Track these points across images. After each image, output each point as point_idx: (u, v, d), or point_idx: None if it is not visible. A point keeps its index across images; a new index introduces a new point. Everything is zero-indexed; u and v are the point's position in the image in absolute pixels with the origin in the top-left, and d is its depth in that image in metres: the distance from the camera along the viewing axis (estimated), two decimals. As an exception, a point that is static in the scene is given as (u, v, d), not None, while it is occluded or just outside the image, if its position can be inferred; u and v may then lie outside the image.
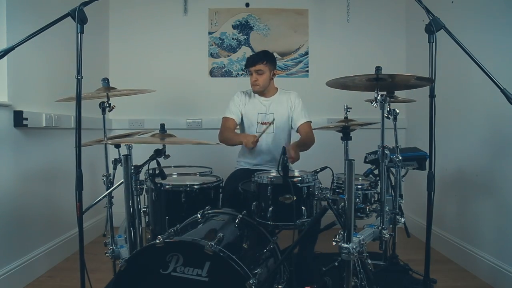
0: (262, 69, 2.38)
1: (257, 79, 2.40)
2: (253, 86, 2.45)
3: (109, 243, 1.87)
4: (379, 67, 1.48)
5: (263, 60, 2.39)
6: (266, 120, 2.46)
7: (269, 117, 2.46)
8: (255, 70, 2.38)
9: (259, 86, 2.42)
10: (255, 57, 2.43)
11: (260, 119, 2.48)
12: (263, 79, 2.40)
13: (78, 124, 1.39)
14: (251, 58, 2.44)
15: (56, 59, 2.57)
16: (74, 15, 1.36)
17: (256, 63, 2.38)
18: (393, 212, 1.82)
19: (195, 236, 1.51)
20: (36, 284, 2.26)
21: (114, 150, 2.00)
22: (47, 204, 2.49)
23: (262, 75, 2.40)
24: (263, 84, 2.42)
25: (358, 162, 1.52)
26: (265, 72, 2.39)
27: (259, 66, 2.37)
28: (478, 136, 2.41)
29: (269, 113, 2.47)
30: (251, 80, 2.43)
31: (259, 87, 2.42)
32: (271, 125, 2.41)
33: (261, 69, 2.38)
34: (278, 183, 1.70)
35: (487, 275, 2.28)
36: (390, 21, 3.55)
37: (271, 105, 2.48)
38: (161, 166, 1.73)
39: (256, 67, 2.38)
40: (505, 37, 2.17)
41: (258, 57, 2.41)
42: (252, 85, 2.44)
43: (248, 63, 2.42)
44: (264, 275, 1.48)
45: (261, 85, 2.42)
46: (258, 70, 2.38)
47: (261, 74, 2.39)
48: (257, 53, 2.50)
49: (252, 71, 2.40)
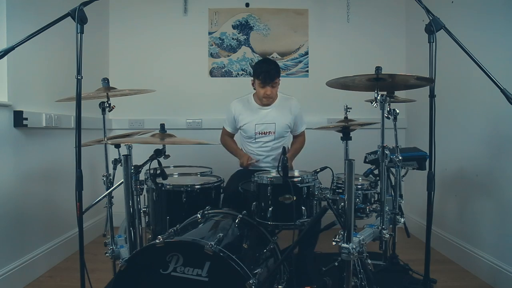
0: (277, 82, 2.35)
1: (271, 93, 2.33)
2: (265, 99, 2.36)
3: (109, 243, 1.87)
4: (379, 67, 1.48)
5: (279, 73, 2.33)
6: (266, 130, 2.43)
7: (270, 127, 2.42)
8: (271, 84, 2.31)
9: (273, 99, 2.38)
10: (273, 72, 2.30)
11: (258, 130, 2.43)
12: (276, 91, 2.37)
13: (78, 124, 1.39)
14: (270, 73, 2.28)
15: (56, 59, 2.57)
16: (74, 15, 1.36)
17: (275, 78, 2.30)
18: (393, 212, 1.82)
19: (195, 236, 1.51)
20: (36, 284, 2.26)
21: (114, 150, 2.00)
22: (47, 204, 2.49)
23: (275, 88, 2.35)
24: (275, 95, 2.39)
25: (358, 162, 1.52)
26: (278, 84, 2.37)
27: (276, 80, 2.33)
28: (478, 136, 2.41)
29: (270, 122, 2.42)
30: (261, 93, 2.33)
31: (272, 100, 2.39)
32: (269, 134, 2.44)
33: (276, 82, 2.34)
34: (278, 183, 1.70)
35: (487, 275, 2.28)
36: (390, 21, 3.55)
37: (269, 114, 2.43)
38: (162, 166, 1.73)
39: (274, 82, 2.32)
40: (505, 37, 2.17)
41: (276, 71, 2.31)
42: (265, 97, 2.35)
43: (267, 78, 2.28)
44: (264, 275, 1.48)
45: (274, 98, 2.39)
46: (274, 84, 2.32)
47: (275, 87, 2.34)
48: (271, 65, 2.34)
49: (268, 85, 2.31)
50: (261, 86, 2.32)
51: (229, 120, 2.54)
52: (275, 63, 2.40)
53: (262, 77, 2.28)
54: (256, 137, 2.46)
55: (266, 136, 2.44)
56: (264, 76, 2.28)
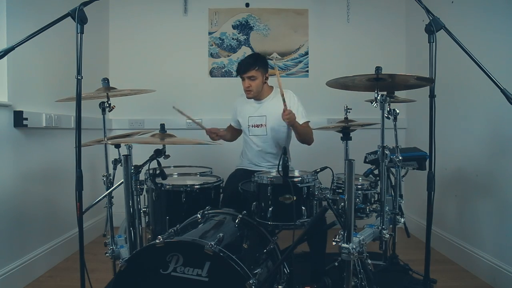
0: (254, 75, 2.32)
1: (250, 85, 2.34)
2: (246, 93, 2.40)
3: (109, 243, 1.87)
4: (379, 67, 1.48)
5: (255, 65, 2.32)
6: (258, 123, 2.44)
7: (261, 119, 2.43)
8: (247, 77, 2.33)
9: (253, 92, 2.37)
10: (246, 63, 2.33)
11: (251, 122, 2.46)
12: (256, 84, 2.35)
13: (78, 124, 1.39)
14: (242, 64, 2.35)
15: (56, 59, 2.57)
16: (74, 15, 1.36)
17: (248, 70, 2.31)
18: (393, 212, 1.82)
19: (195, 236, 1.51)
20: (36, 284, 2.26)
21: (114, 150, 2.00)
22: (47, 204, 2.49)
23: (255, 81, 2.34)
24: (257, 89, 2.37)
25: (358, 162, 1.52)
26: (257, 77, 2.34)
27: (251, 72, 2.31)
28: (478, 136, 2.41)
29: (261, 115, 2.43)
30: (244, 86, 2.37)
31: (252, 93, 2.38)
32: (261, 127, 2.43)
33: (253, 75, 2.32)
34: (278, 183, 1.70)
35: (487, 275, 2.28)
36: (390, 21, 3.55)
37: (261, 107, 2.45)
38: (161, 166, 1.73)
39: (248, 74, 2.31)
40: (505, 37, 2.17)
41: (250, 63, 2.32)
42: (246, 91, 2.39)
43: (240, 70, 2.34)
44: (264, 275, 1.48)
45: (255, 91, 2.37)
46: (251, 77, 2.32)
47: (253, 80, 2.33)
48: (248, 58, 2.40)
49: (244, 77, 2.34)
50: (241, 79, 2.39)
51: (232, 114, 2.67)
52: (254, 56, 2.42)
53: (237, 69, 2.39)
54: (250, 130, 2.49)
55: (258, 128, 2.46)
56: (238, 69, 2.38)
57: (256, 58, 2.38)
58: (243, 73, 2.34)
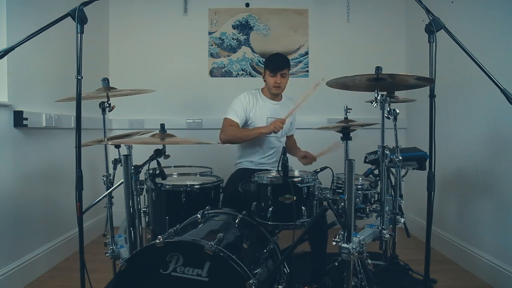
0: (286, 73, 2.41)
1: (281, 82, 2.40)
2: (275, 88, 2.41)
3: (109, 243, 1.87)
4: (379, 67, 1.48)
5: (289, 64, 2.42)
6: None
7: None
8: (281, 74, 2.38)
9: (281, 88, 2.43)
10: (283, 61, 2.40)
11: (269, 122, 2.41)
12: (285, 82, 2.43)
13: (78, 124, 1.39)
14: (279, 62, 2.39)
15: (56, 59, 2.57)
16: (74, 15, 1.36)
17: (284, 67, 2.38)
18: (393, 212, 1.82)
19: (195, 236, 1.51)
20: (36, 284, 2.26)
21: (114, 150, 2.00)
22: (47, 204, 2.49)
23: (285, 78, 2.42)
24: (284, 87, 2.45)
25: (358, 162, 1.52)
26: (287, 76, 2.43)
27: (285, 70, 2.39)
28: (478, 136, 2.41)
29: (278, 117, 2.40)
30: (271, 82, 2.39)
31: (281, 89, 2.44)
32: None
33: (285, 73, 2.40)
34: (278, 183, 1.70)
35: (487, 275, 2.28)
36: (390, 21, 3.55)
37: (279, 109, 2.48)
38: (161, 166, 1.73)
39: (283, 71, 2.38)
40: (505, 37, 2.17)
41: (285, 61, 2.41)
42: (274, 87, 2.40)
43: (277, 66, 2.37)
44: (264, 275, 1.48)
45: (283, 88, 2.44)
46: (283, 74, 2.39)
47: (284, 77, 2.41)
48: (281, 57, 2.45)
49: (277, 74, 2.38)
50: (271, 75, 2.40)
51: (239, 111, 2.40)
52: (286, 57, 2.49)
53: (272, 66, 2.39)
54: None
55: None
56: (274, 65, 2.39)
57: (288, 59, 2.47)
58: (280, 69, 2.37)
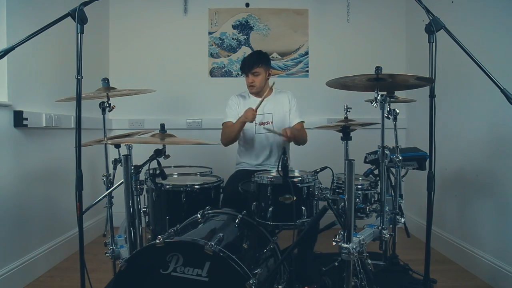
0: (258, 71, 2.42)
1: (253, 81, 2.43)
2: (249, 88, 2.49)
3: (109, 243, 1.87)
4: (379, 67, 1.48)
5: (259, 63, 2.42)
6: (264, 120, 2.47)
7: (267, 116, 2.48)
8: (251, 73, 2.42)
9: (256, 87, 2.45)
10: (250, 61, 2.43)
11: (257, 120, 2.44)
12: (259, 80, 2.44)
13: (78, 124, 1.39)
14: (247, 62, 2.45)
15: (56, 59, 2.57)
16: (74, 15, 1.36)
17: (253, 67, 2.41)
18: (393, 212, 1.82)
19: (195, 236, 1.51)
20: (36, 284, 2.26)
21: (114, 150, 2.00)
22: (47, 204, 2.49)
23: (258, 76, 2.43)
24: (260, 85, 2.45)
25: (358, 162, 1.52)
26: (261, 73, 2.43)
27: (255, 69, 2.41)
28: (478, 136, 2.41)
29: (267, 113, 2.48)
30: (247, 82, 2.47)
31: (256, 88, 2.46)
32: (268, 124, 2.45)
33: (257, 71, 2.41)
34: (278, 183, 1.70)
35: (487, 275, 2.28)
36: (390, 21, 3.55)
37: (266, 105, 2.47)
38: (161, 166, 1.73)
39: (252, 71, 2.41)
40: (505, 37, 2.17)
41: (254, 61, 2.42)
42: (249, 86, 2.48)
43: (245, 67, 2.44)
44: (264, 275, 1.48)
45: (258, 86, 2.45)
46: (254, 72, 2.42)
47: (257, 75, 2.43)
48: (252, 56, 2.50)
49: (248, 74, 2.44)
50: (244, 76, 2.48)
51: (231, 110, 2.53)
52: (258, 54, 2.52)
53: (242, 67, 2.48)
54: (256, 129, 2.48)
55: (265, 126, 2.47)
56: (242, 66, 2.48)
57: (259, 55, 2.49)
58: (249, 69, 2.41)
